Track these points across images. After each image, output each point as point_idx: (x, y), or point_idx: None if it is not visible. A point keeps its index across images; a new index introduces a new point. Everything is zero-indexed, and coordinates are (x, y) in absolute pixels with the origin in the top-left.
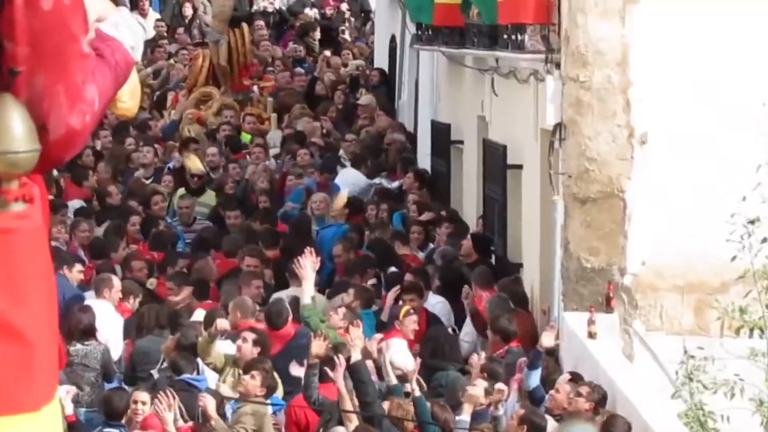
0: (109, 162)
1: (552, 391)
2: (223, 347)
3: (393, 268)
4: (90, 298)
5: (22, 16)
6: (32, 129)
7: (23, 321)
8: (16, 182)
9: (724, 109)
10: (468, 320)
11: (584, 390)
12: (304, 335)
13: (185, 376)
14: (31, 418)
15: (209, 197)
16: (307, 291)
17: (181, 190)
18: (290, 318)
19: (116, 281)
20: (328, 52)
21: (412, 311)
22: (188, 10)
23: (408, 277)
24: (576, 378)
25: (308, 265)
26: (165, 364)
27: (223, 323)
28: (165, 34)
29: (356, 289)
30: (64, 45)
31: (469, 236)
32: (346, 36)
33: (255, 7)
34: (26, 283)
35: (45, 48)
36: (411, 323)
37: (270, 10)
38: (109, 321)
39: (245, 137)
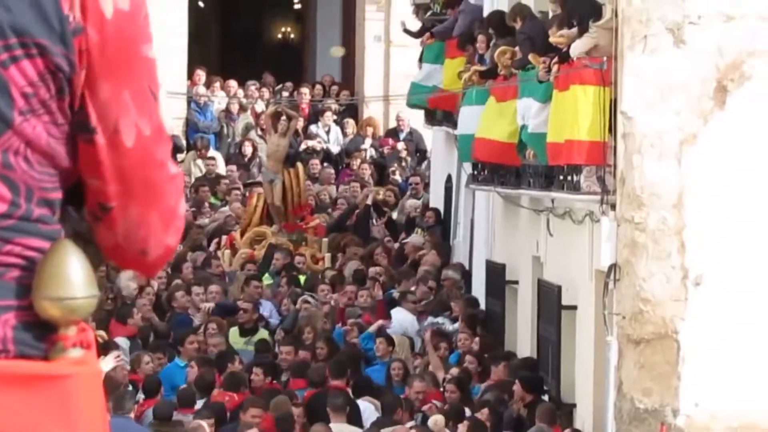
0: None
1: None
2: None
3: (467, 411)
4: None
5: (107, 156)
6: (91, 274)
7: None
8: (74, 328)
9: None
10: None
11: None
12: None
13: None
14: None
15: (262, 335)
16: None
17: (234, 329)
18: None
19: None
20: (381, 191)
21: None
22: (248, 149)
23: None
24: None
25: None
26: None
27: None
28: (215, 172)
29: None
30: (153, 174)
31: (517, 381)
32: (397, 177)
33: (303, 146)
34: (83, 429)
35: (134, 181)
36: None
37: (318, 149)
38: None
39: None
